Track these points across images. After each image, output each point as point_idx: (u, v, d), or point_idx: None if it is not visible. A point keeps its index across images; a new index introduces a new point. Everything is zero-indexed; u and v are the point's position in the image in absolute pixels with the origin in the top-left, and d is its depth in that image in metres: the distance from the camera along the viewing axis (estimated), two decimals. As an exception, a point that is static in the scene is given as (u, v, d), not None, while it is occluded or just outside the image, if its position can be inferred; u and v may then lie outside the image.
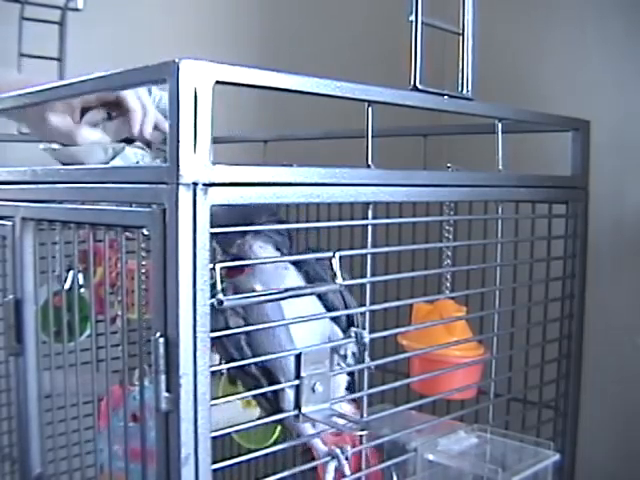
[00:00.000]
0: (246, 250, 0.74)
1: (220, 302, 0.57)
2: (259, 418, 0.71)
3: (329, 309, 0.73)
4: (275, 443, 0.85)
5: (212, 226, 0.54)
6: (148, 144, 0.82)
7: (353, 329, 0.70)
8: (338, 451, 0.68)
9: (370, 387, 0.72)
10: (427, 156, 1.08)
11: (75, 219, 0.65)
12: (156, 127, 0.82)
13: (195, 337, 0.54)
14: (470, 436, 0.82)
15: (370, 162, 0.68)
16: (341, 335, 0.73)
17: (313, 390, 0.65)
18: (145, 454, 0.61)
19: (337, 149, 1.05)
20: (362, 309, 0.70)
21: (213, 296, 0.56)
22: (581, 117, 0.93)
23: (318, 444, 0.71)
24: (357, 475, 0.71)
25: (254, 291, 0.70)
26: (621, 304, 1.22)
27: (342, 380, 0.76)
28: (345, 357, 0.73)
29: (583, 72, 1.26)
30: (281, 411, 0.69)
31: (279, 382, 0.70)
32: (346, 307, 0.74)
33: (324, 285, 0.65)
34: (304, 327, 0.70)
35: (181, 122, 0.52)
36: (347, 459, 0.69)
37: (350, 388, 0.75)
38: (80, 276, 0.83)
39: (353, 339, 0.70)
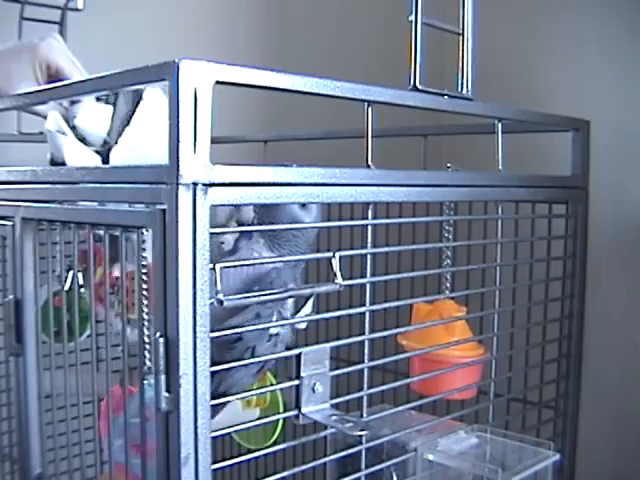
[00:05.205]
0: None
1: (220, 302, 0.57)
2: (259, 418, 0.70)
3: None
4: (275, 443, 0.85)
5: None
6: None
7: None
8: None
9: (370, 387, 0.72)
10: (427, 156, 1.08)
11: (75, 219, 0.65)
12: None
13: (195, 337, 0.54)
14: (470, 436, 0.83)
15: (370, 162, 0.68)
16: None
17: (313, 390, 0.65)
18: (145, 454, 0.61)
19: (337, 149, 1.05)
20: (362, 309, 0.70)
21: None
22: (581, 117, 0.93)
23: None
24: (357, 475, 0.71)
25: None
26: (621, 304, 1.22)
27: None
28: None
29: (583, 72, 1.26)
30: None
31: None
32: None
33: (324, 285, 0.65)
34: None
35: (181, 122, 0.52)
36: None
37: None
38: (80, 276, 0.83)
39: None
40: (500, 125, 0.82)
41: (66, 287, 0.82)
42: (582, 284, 0.94)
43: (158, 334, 0.54)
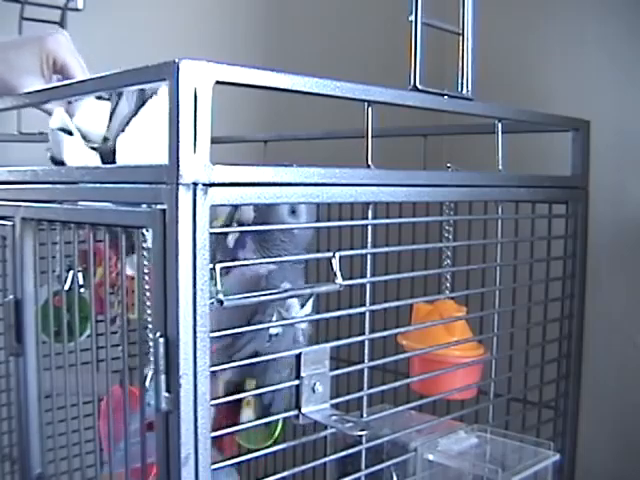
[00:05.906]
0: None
1: (220, 302, 0.57)
2: (258, 418, 0.70)
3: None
4: (275, 443, 0.85)
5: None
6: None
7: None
8: None
9: (370, 387, 0.72)
10: (427, 156, 1.08)
11: (75, 219, 0.65)
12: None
13: (195, 337, 0.54)
14: (470, 436, 0.82)
15: (370, 162, 0.68)
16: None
17: (313, 390, 0.65)
18: (145, 459, 0.61)
19: (337, 149, 1.05)
20: (362, 309, 0.70)
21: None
22: (581, 117, 0.93)
23: None
24: (357, 475, 0.71)
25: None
26: (621, 304, 1.22)
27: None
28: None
29: (583, 72, 1.26)
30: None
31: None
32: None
33: (324, 285, 0.65)
34: None
35: (181, 122, 0.52)
36: None
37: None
38: (80, 276, 0.83)
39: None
40: (500, 125, 0.82)
41: (66, 287, 0.82)
42: (582, 284, 0.94)
43: (158, 334, 0.54)
